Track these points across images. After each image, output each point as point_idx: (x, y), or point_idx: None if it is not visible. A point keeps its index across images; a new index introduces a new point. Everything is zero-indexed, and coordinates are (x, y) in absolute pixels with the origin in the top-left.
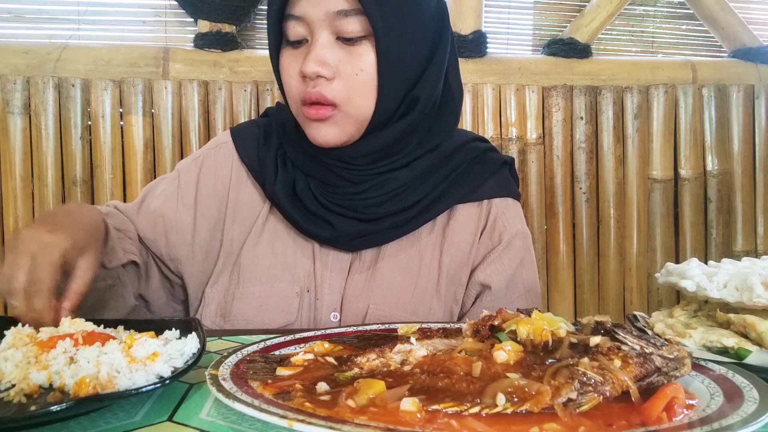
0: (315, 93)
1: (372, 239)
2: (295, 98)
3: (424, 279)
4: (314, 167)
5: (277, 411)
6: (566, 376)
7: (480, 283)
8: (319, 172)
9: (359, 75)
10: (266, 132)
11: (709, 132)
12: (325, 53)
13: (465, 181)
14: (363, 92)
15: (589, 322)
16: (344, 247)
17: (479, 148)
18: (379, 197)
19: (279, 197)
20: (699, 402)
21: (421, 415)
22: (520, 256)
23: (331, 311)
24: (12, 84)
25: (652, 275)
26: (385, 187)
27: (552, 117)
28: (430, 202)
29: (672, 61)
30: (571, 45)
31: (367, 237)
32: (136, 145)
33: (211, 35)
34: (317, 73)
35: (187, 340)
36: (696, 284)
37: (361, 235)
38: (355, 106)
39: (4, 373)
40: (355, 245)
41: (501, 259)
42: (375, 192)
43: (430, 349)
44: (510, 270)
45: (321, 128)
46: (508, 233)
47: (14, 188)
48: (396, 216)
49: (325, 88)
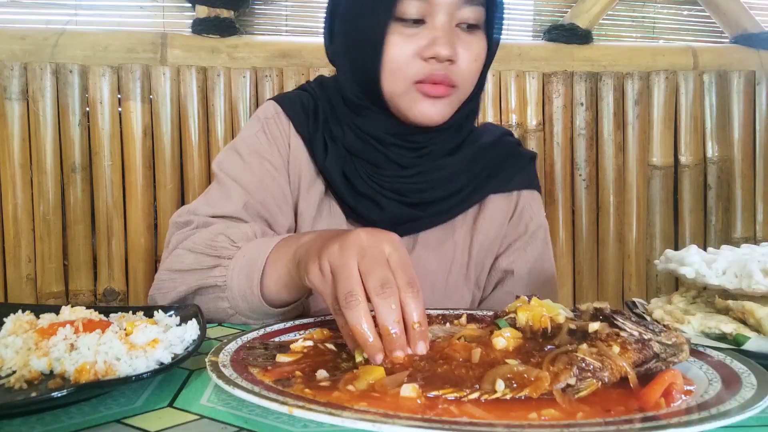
0: (442, 74)
1: (416, 225)
2: (408, 77)
3: (457, 266)
4: (363, 148)
5: (277, 397)
6: (565, 362)
7: (503, 270)
8: (368, 154)
9: (476, 61)
10: (314, 107)
11: (710, 118)
12: (453, 38)
13: (499, 174)
14: (473, 79)
15: (588, 308)
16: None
17: (511, 143)
18: (426, 182)
19: (331, 173)
20: (697, 388)
21: (420, 401)
22: (542, 246)
23: None
24: (9, 70)
25: (651, 262)
26: (432, 173)
27: (552, 103)
28: (470, 192)
29: (673, 47)
30: (571, 31)
31: (413, 223)
32: (134, 131)
33: (210, 21)
34: (449, 56)
35: (187, 327)
36: (695, 271)
37: (408, 219)
38: (466, 91)
39: (5, 360)
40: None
41: (525, 248)
42: (422, 177)
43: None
44: (532, 259)
45: (436, 105)
46: (534, 224)
47: (13, 175)
48: (439, 203)
49: (451, 71)
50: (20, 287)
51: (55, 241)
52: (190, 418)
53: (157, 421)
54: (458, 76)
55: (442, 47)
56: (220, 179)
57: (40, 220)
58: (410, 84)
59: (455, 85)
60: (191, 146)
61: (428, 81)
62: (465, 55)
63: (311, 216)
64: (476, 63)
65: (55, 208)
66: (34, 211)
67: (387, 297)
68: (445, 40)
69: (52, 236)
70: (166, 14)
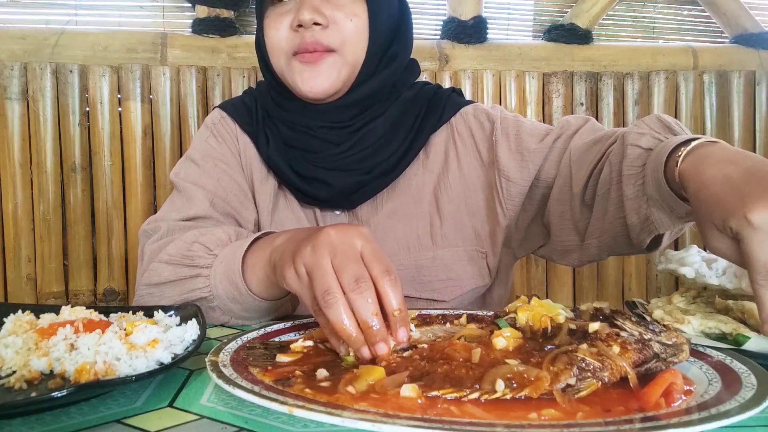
0: (311, 41)
1: (367, 190)
2: (285, 52)
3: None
4: (296, 138)
5: (277, 397)
6: (565, 362)
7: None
8: (302, 142)
9: (353, 20)
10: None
11: (710, 118)
12: (318, 2)
13: (429, 115)
14: (356, 38)
15: (588, 308)
16: (345, 205)
17: (431, 89)
18: (362, 152)
19: (276, 162)
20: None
21: (420, 401)
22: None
23: None
24: (9, 70)
25: (651, 262)
26: (366, 140)
27: (552, 103)
28: (410, 143)
29: (673, 47)
30: (571, 31)
31: (364, 188)
32: (134, 131)
33: (210, 20)
34: (313, 19)
35: (187, 327)
36: (695, 271)
37: (357, 188)
38: (350, 52)
39: (5, 360)
40: (354, 200)
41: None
42: (357, 147)
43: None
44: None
45: (316, 75)
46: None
47: (13, 175)
48: (383, 163)
49: (321, 35)
50: (20, 287)
51: (55, 241)
52: (190, 418)
53: (157, 421)
54: (334, 39)
55: (302, 12)
56: (180, 187)
57: (40, 220)
58: (290, 57)
59: (332, 49)
60: None
61: (301, 50)
62: (339, 15)
63: (268, 208)
64: (353, 22)
65: (55, 208)
66: (34, 210)
67: (362, 291)
68: (305, 6)
69: (52, 236)
70: (166, 14)
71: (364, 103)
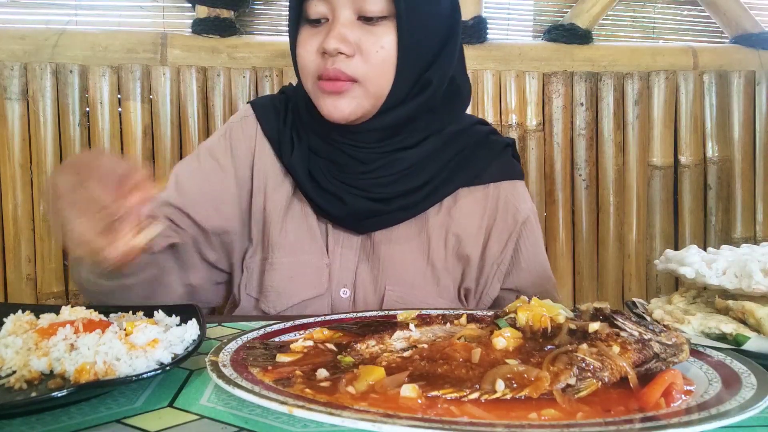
0: (333, 69)
1: (382, 221)
2: (311, 74)
3: (433, 260)
4: (323, 147)
5: (277, 397)
6: (565, 362)
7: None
8: (328, 153)
9: (379, 52)
10: (285, 108)
11: (710, 119)
12: (346, 31)
13: (469, 165)
14: (382, 70)
15: (588, 308)
16: (355, 228)
17: (482, 132)
18: (388, 177)
19: (296, 170)
20: (697, 388)
21: (420, 401)
22: (535, 236)
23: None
24: (9, 70)
25: (651, 262)
26: (394, 167)
27: (552, 103)
28: (438, 183)
29: (673, 47)
30: (571, 31)
31: (378, 218)
32: (134, 131)
33: (210, 21)
34: (338, 49)
35: (187, 327)
36: (695, 271)
37: (372, 215)
38: (374, 83)
39: (5, 360)
40: (366, 226)
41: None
42: (384, 171)
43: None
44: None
45: (337, 101)
46: (522, 214)
47: (13, 175)
48: (405, 197)
49: (344, 65)
50: (20, 287)
51: (55, 241)
52: (190, 418)
53: (157, 421)
54: (357, 69)
55: (327, 41)
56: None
57: (40, 220)
58: (315, 81)
59: (355, 79)
60: (191, 146)
61: (324, 77)
62: (366, 46)
63: (280, 215)
64: (383, 52)
65: None
66: (34, 211)
67: None
68: (333, 34)
69: (52, 236)
70: (166, 14)
71: (393, 130)
